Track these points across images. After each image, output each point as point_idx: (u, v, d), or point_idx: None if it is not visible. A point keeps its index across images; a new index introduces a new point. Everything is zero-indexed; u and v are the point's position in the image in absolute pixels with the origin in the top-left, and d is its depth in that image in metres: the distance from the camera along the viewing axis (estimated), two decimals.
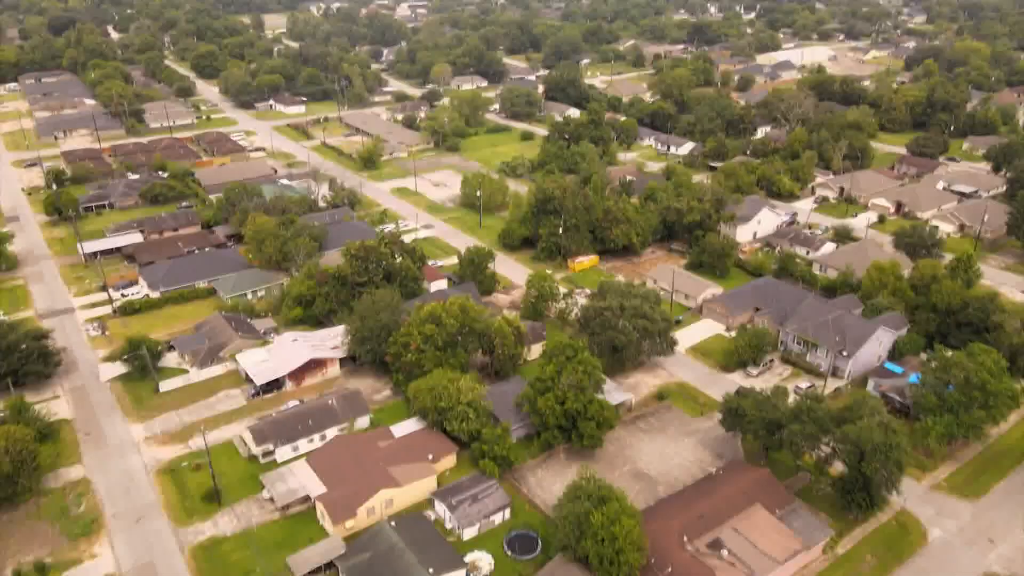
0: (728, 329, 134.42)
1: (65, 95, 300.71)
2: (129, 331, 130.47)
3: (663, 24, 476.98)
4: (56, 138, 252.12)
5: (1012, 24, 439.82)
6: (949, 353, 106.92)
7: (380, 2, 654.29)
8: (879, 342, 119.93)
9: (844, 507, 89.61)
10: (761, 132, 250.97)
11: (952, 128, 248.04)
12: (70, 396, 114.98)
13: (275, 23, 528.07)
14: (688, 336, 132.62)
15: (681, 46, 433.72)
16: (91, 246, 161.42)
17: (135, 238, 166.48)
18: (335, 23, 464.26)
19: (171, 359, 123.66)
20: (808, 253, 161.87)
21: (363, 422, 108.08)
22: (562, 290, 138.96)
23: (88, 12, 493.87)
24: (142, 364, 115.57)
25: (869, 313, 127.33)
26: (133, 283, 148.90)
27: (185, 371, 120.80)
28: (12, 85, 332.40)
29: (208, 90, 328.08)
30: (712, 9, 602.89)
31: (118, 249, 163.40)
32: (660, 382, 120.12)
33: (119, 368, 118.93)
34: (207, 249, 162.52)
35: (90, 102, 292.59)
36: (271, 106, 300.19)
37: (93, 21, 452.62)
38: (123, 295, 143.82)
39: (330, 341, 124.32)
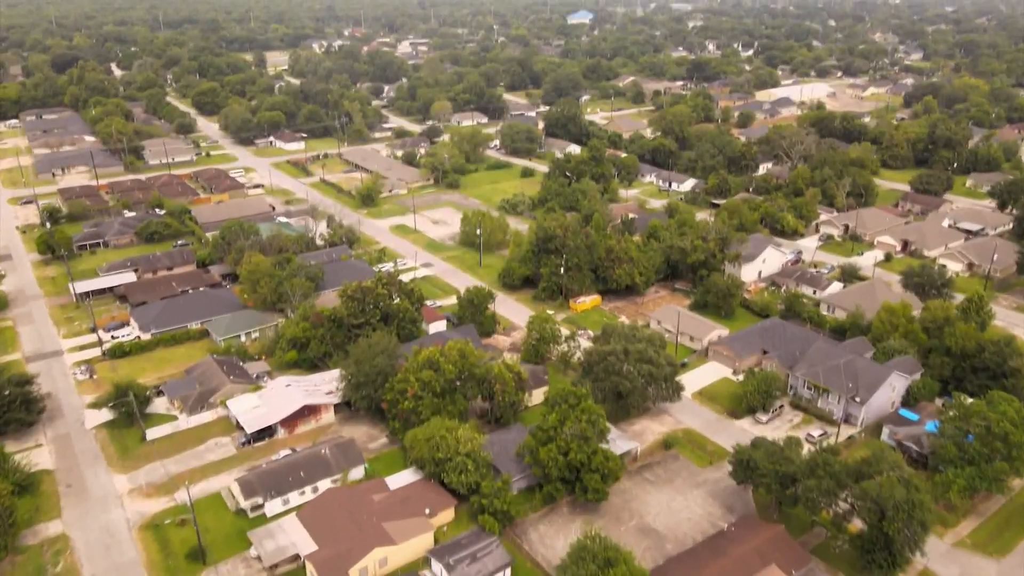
0: (735, 372, 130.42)
1: (65, 132, 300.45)
2: (118, 375, 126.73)
3: (662, 61, 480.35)
4: (54, 175, 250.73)
5: (1009, 61, 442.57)
6: (968, 401, 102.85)
7: (382, 40, 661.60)
8: (892, 387, 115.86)
9: (864, 567, 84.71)
10: (763, 168, 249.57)
11: (955, 165, 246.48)
12: (53, 445, 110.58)
13: (277, 60, 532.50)
14: (694, 380, 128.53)
15: (680, 83, 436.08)
16: (83, 286, 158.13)
17: (128, 277, 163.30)
18: (337, 60, 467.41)
19: (160, 405, 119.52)
20: (815, 293, 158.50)
21: (357, 472, 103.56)
22: (564, 332, 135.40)
23: (92, 50, 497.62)
24: (128, 411, 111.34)
25: (881, 357, 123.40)
26: (124, 324, 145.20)
27: (174, 418, 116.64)
28: (13, 122, 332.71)
29: (209, 127, 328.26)
30: (710, 46, 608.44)
31: (111, 289, 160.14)
32: (666, 429, 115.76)
33: (105, 415, 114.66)
34: (201, 289, 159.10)
35: (90, 139, 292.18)
36: (271, 142, 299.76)
37: (97, 59, 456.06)
38: (113, 337, 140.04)
39: (324, 386, 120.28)
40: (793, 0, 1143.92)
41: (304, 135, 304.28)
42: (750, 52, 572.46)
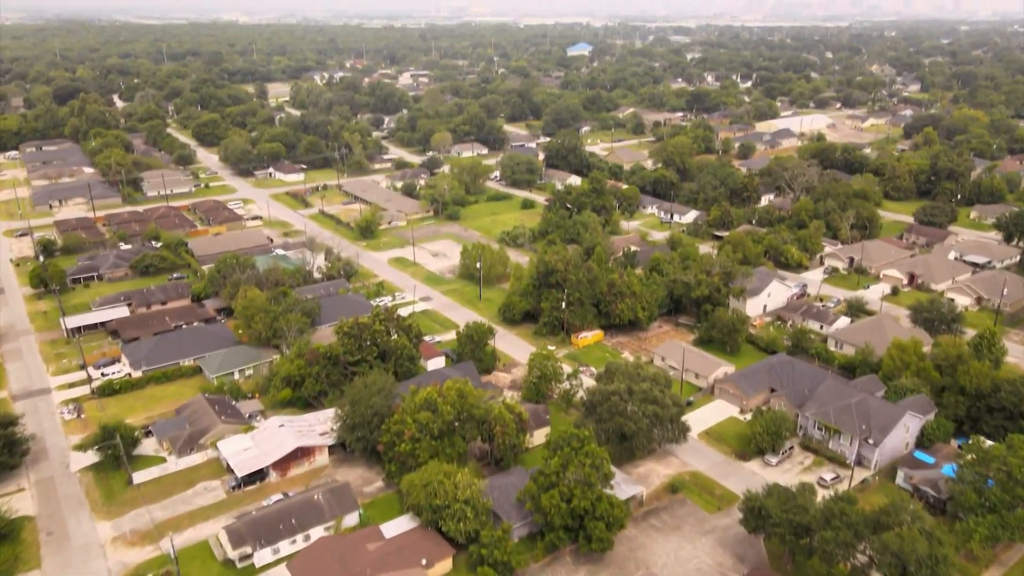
0: (743, 411, 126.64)
1: (65, 163, 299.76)
2: (106, 415, 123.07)
3: (661, 92, 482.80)
4: (51, 207, 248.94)
5: (1007, 92, 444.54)
6: (986, 444, 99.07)
7: (383, 71, 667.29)
8: (906, 428, 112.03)
9: None
10: (765, 200, 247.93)
11: (959, 196, 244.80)
12: (36, 489, 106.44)
13: (279, 92, 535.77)
14: (700, 419, 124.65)
15: (680, 114, 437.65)
16: (74, 321, 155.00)
17: (121, 312, 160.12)
18: (338, 91, 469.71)
19: (148, 446, 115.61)
20: (822, 328, 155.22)
21: (352, 519, 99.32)
22: (566, 369, 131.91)
23: (95, 82, 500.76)
24: (115, 454, 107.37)
25: (893, 396, 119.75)
26: (115, 361, 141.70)
27: (163, 459, 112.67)
28: (12, 153, 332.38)
29: (208, 158, 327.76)
30: (709, 78, 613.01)
31: (103, 324, 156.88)
32: (672, 472, 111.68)
33: (91, 457, 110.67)
34: (195, 324, 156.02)
35: (89, 170, 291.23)
36: (270, 174, 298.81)
37: (99, 90, 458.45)
38: (103, 374, 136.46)
39: (319, 426, 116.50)
40: (790, 32, 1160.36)
41: (304, 166, 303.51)
42: (749, 83, 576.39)
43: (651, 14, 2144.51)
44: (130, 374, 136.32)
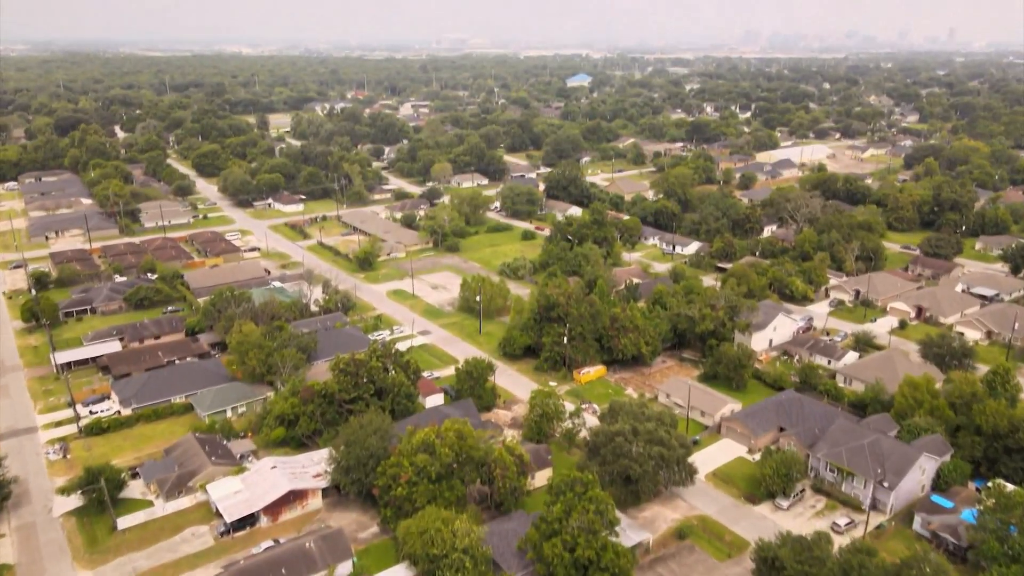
0: (751, 451, 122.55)
1: (63, 194, 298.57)
2: (92, 455, 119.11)
3: (661, 123, 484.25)
4: (47, 238, 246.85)
5: (1006, 123, 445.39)
6: (1007, 488, 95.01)
7: (384, 102, 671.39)
8: (922, 470, 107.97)
9: None
10: (767, 231, 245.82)
11: (963, 228, 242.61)
12: (16, 535, 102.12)
13: (280, 122, 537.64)
14: (707, 459, 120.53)
15: (680, 144, 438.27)
16: (65, 356, 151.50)
17: (113, 347, 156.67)
18: (338, 122, 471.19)
19: (135, 488, 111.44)
20: (830, 363, 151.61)
21: (345, 568, 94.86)
22: (568, 406, 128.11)
23: (97, 113, 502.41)
24: (99, 498, 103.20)
25: (906, 435, 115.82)
26: (105, 398, 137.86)
27: (150, 503, 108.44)
28: (11, 184, 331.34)
29: (208, 188, 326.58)
30: (708, 108, 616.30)
31: (94, 359, 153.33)
32: (679, 516, 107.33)
33: (75, 501, 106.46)
34: (188, 359, 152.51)
35: (87, 201, 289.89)
36: (269, 204, 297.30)
37: (101, 121, 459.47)
38: (92, 412, 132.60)
39: (312, 468, 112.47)
40: (787, 64, 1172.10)
41: (303, 197, 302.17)
42: (748, 114, 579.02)
43: (649, 46, 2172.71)
44: (119, 412, 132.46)
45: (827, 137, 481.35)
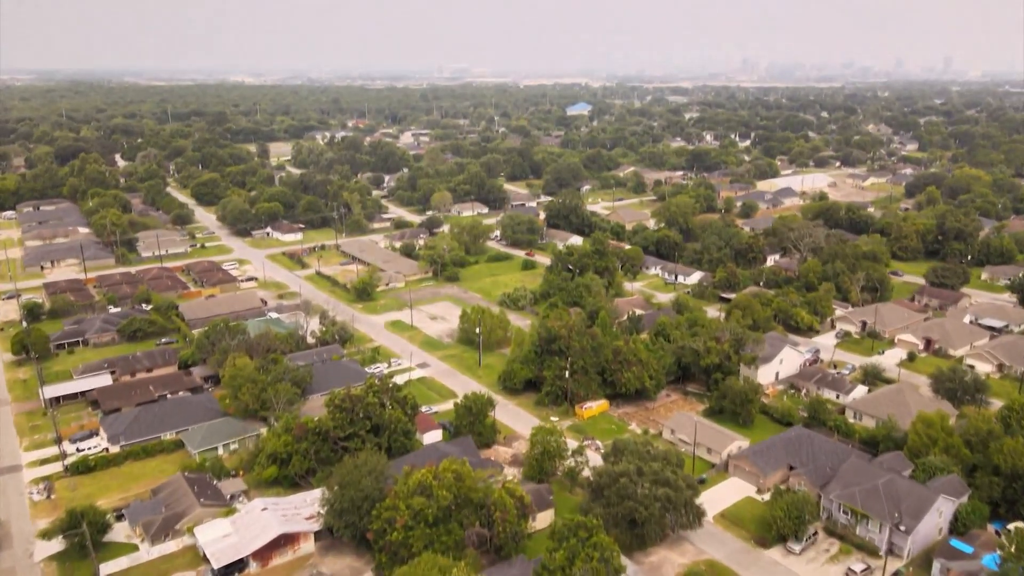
0: (760, 491, 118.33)
1: (61, 224, 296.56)
2: (77, 495, 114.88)
3: (661, 151, 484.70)
4: (42, 268, 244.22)
5: (1007, 151, 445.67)
6: None
7: (385, 131, 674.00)
8: (939, 512, 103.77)
9: None
10: (771, 260, 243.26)
11: (969, 257, 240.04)
12: None
13: (281, 151, 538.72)
14: (715, 499, 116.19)
15: (680, 172, 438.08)
16: (53, 390, 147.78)
17: (104, 380, 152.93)
18: (339, 151, 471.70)
19: (120, 531, 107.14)
20: (838, 397, 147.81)
21: None
22: (570, 443, 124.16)
23: (99, 142, 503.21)
24: (81, 542, 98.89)
25: (921, 475, 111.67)
26: (93, 434, 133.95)
27: (135, 547, 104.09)
28: (9, 213, 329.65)
29: (207, 217, 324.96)
30: (708, 137, 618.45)
31: (83, 393, 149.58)
32: (687, 561, 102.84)
33: (57, 545, 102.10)
34: (181, 393, 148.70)
35: (85, 230, 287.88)
36: (268, 233, 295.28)
37: (102, 150, 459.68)
38: (78, 449, 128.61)
39: (305, 509, 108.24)
40: (785, 93, 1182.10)
41: (302, 226, 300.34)
42: (747, 142, 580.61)
43: (648, 75, 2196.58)
44: (107, 449, 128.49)
45: (827, 165, 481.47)
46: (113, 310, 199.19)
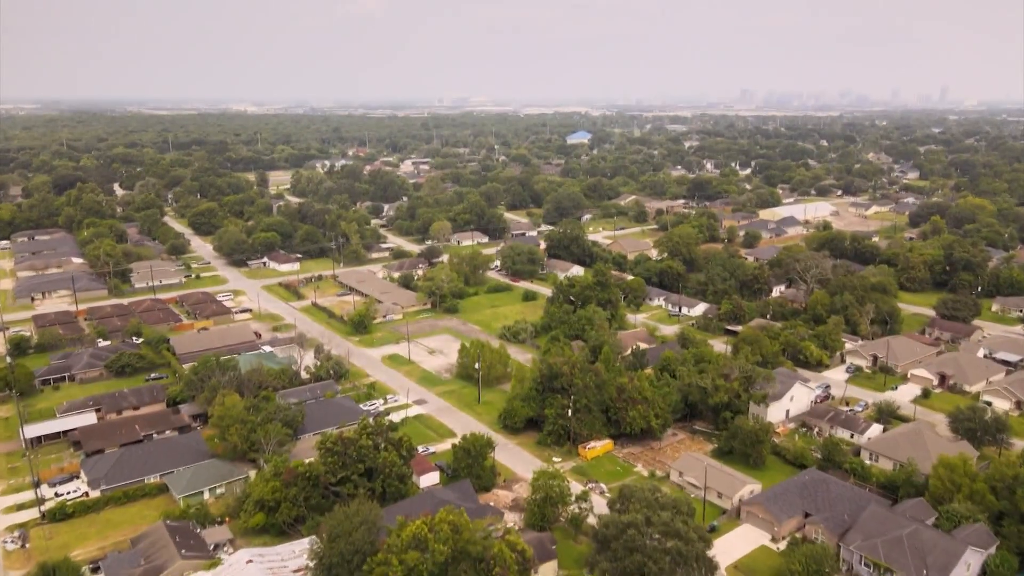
0: (775, 540, 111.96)
1: (55, 254, 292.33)
2: (53, 544, 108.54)
3: (662, 180, 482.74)
4: (33, 300, 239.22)
5: (1009, 180, 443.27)
6: None
7: (384, 159, 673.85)
8: (968, 565, 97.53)
9: None
10: (776, 291, 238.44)
11: (979, 288, 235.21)
12: None
13: (281, 180, 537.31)
14: (727, 548, 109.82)
15: (682, 201, 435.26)
16: (35, 429, 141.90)
17: (88, 419, 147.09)
18: (338, 179, 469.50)
19: None
20: (852, 437, 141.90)
21: None
22: (574, 486, 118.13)
23: (98, 171, 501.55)
24: None
25: (945, 524, 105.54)
26: (73, 477, 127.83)
27: None
28: (3, 243, 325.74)
29: (203, 247, 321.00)
30: (708, 165, 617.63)
31: (66, 432, 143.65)
32: None
33: None
34: (167, 433, 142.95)
35: (78, 261, 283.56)
36: (264, 263, 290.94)
37: (101, 180, 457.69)
38: (57, 494, 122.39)
39: (292, 561, 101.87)
40: (783, 122, 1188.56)
41: (300, 256, 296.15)
42: (748, 171, 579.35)
43: (647, 104, 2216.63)
44: (87, 493, 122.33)
45: (829, 194, 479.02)
46: (102, 344, 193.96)
